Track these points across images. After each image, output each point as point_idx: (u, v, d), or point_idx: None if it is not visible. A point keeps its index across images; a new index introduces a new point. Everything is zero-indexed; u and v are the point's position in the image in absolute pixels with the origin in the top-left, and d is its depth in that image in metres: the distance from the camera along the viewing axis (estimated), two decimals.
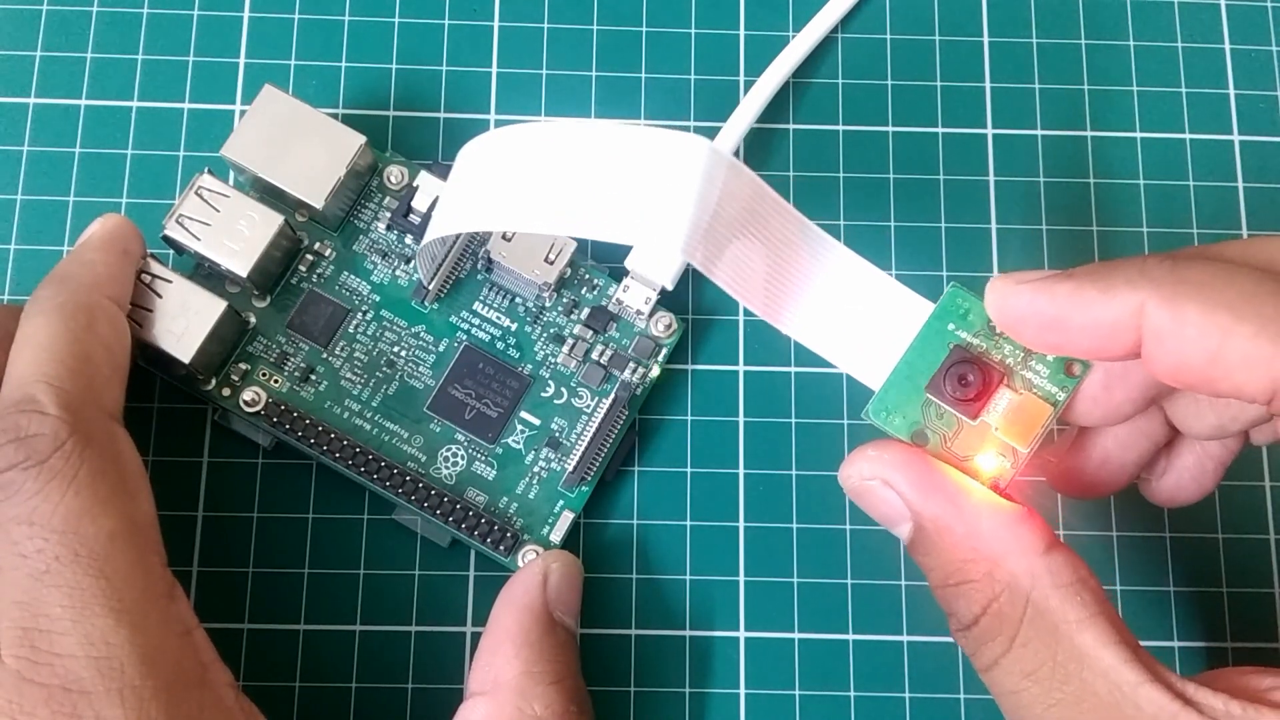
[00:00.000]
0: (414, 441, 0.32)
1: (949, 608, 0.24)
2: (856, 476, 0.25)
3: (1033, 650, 0.23)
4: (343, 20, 0.36)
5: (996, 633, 0.23)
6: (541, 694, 0.28)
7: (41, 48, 0.35)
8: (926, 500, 0.24)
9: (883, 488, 0.25)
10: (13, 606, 0.24)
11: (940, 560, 0.24)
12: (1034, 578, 0.23)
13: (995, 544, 0.24)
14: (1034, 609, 0.23)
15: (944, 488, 0.24)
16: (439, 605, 0.32)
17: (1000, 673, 0.23)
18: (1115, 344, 0.23)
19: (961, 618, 0.24)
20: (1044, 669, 0.23)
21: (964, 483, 0.25)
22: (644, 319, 0.33)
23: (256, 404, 0.31)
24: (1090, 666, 0.22)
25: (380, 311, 0.33)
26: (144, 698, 0.24)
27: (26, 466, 0.25)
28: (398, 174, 0.33)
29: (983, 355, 0.25)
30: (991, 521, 0.24)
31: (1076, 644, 0.22)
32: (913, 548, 0.25)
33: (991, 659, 0.23)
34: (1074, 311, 0.23)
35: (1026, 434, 0.25)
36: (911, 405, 0.25)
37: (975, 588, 0.23)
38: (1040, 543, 0.23)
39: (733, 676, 0.32)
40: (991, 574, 0.23)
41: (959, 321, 0.25)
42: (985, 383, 0.25)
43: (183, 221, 0.31)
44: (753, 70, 0.36)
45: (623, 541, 0.33)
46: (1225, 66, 0.37)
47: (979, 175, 0.36)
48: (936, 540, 0.24)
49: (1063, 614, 0.23)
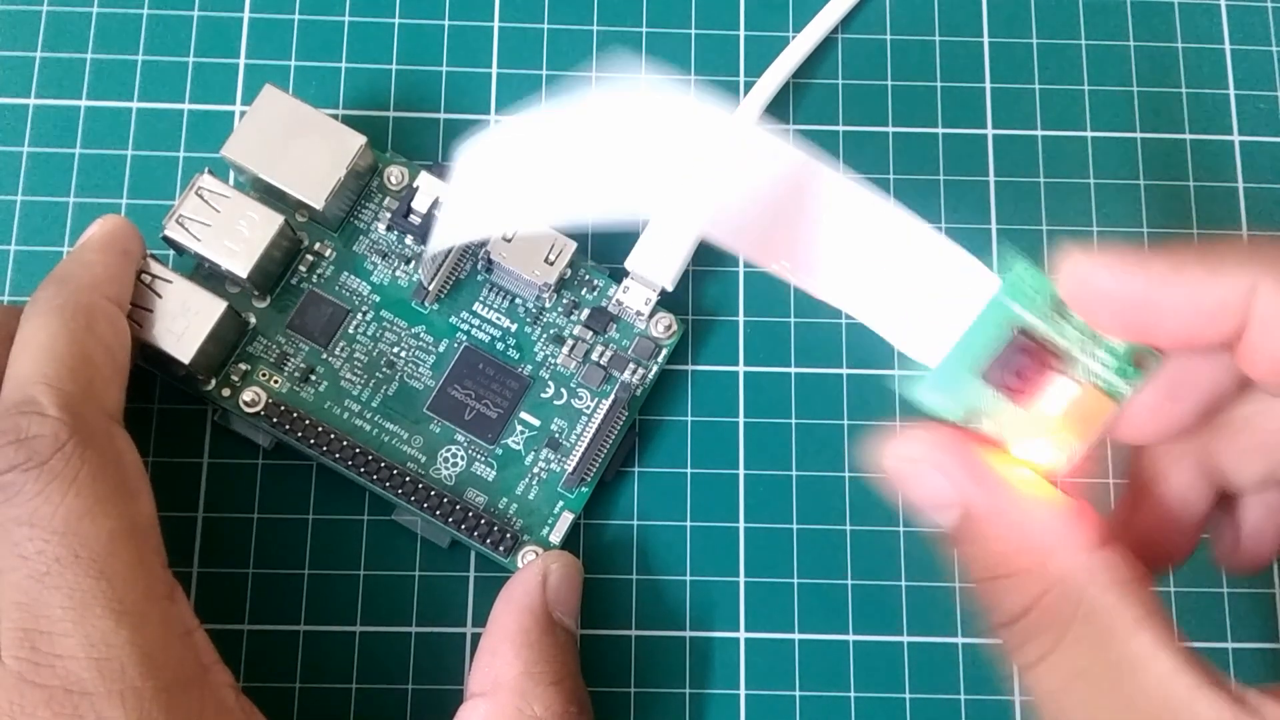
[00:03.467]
0: (414, 442, 0.32)
1: (994, 601, 0.23)
2: (904, 457, 0.24)
3: (1085, 649, 0.21)
4: (343, 20, 0.36)
5: (1045, 629, 0.22)
6: (541, 695, 0.28)
7: (41, 48, 0.35)
8: (976, 486, 0.23)
9: (930, 471, 0.23)
10: (13, 608, 0.24)
11: (986, 551, 0.23)
12: (1090, 573, 0.22)
13: (1047, 536, 0.22)
14: (1089, 606, 0.21)
15: (994, 475, 0.23)
16: (439, 606, 0.32)
17: (1046, 670, 0.22)
18: (1214, 328, 0.21)
19: (1007, 612, 0.23)
20: (1095, 669, 0.21)
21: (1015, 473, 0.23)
22: (644, 320, 0.33)
23: (256, 404, 0.31)
24: (1145, 669, 0.21)
25: (380, 312, 0.33)
26: (145, 699, 0.24)
27: (27, 468, 0.25)
28: (398, 174, 0.33)
29: (1046, 340, 0.23)
30: (1044, 513, 0.23)
31: (1131, 645, 0.21)
32: (957, 537, 0.23)
33: (1036, 656, 0.22)
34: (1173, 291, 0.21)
35: (1086, 428, 0.23)
36: (964, 389, 0.23)
37: (1024, 581, 0.22)
38: (1094, 538, 0.22)
39: (733, 677, 0.32)
40: (1042, 567, 0.22)
41: (1024, 301, 0.23)
42: (1044, 370, 0.23)
43: (183, 222, 0.31)
44: (753, 70, 0.36)
45: (623, 542, 0.33)
46: (1225, 66, 0.37)
47: (979, 175, 0.36)
48: (985, 529, 0.23)
49: (1118, 613, 0.21)
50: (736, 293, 0.34)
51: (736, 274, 0.34)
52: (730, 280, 0.34)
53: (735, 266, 0.34)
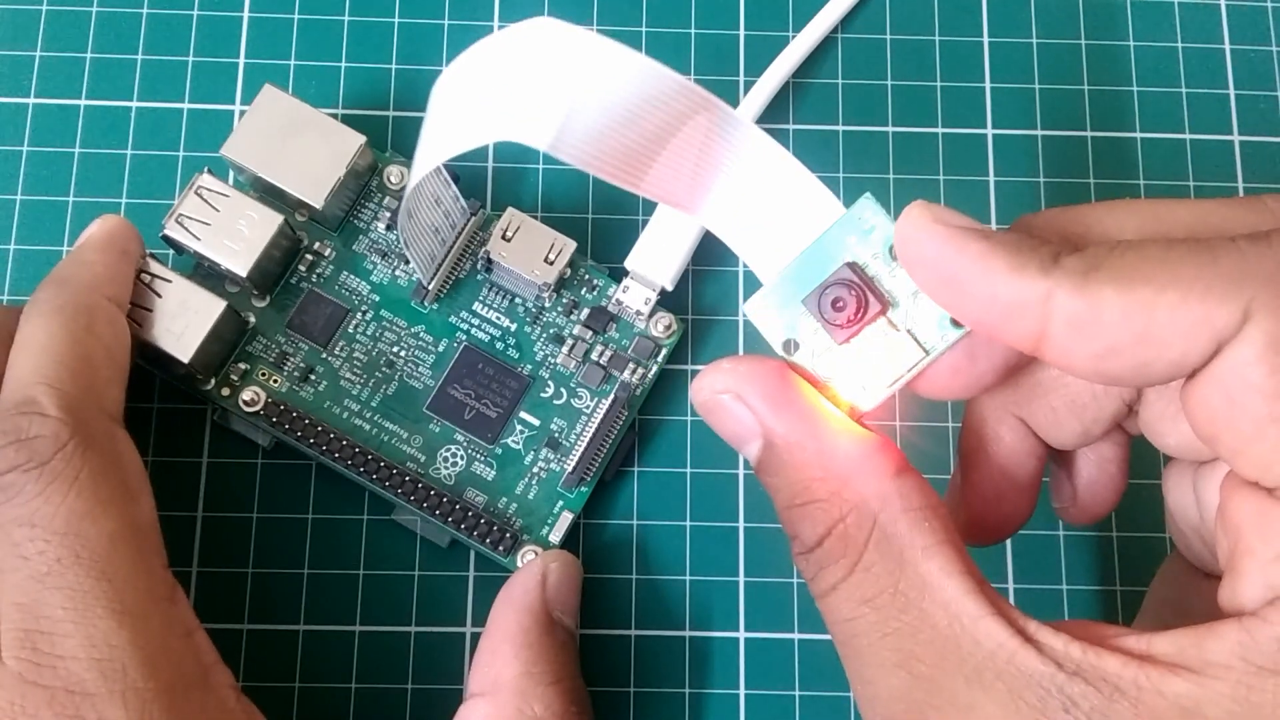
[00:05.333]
0: (413, 442, 0.32)
1: (793, 530, 0.23)
2: (709, 390, 0.24)
3: (874, 575, 0.21)
4: (342, 20, 0.36)
5: (839, 555, 0.22)
6: (541, 694, 0.28)
7: (41, 48, 0.35)
8: (779, 415, 0.23)
9: (734, 402, 0.23)
10: (14, 608, 0.24)
11: (788, 480, 0.23)
12: (883, 499, 0.22)
13: (846, 465, 0.22)
14: (880, 532, 0.22)
15: (799, 406, 0.23)
16: (438, 605, 0.32)
17: (838, 598, 0.22)
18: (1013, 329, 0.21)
19: (805, 539, 0.22)
20: (884, 596, 0.21)
21: (820, 405, 0.23)
22: (643, 319, 0.33)
23: (256, 404, 0.31)
24: (932, 596, 0.21)
25: (380, 311, 0.33)
26: (146, 699, 0.24)
27: (27, 468, 0.25)
28: (397, 174, 0.33)
29: (872, 281, 0.23)
30: (844, 443, 0.23)
31: (920, 571, 0.21)
32: (760, 467, 0.24)
33: (831, 584, 0.22)
34: (977, 279, 0.21)
35: (892, 374, 0.23)
36: (789, 312, 0.24)
37: (821, 507, 0.22)
38: (891, 466, 0.22)
39: (732, 677, 0.32)
40: (839, 493, 0.22)
41: (861, 236, 0.23)
42: (864, 309, 0.23)
43: (182, 221, 0.31)
44: (753, 70, 0.36)
45: (622, 542, 0.33)
46: (1225, 66, 0.37)
47: (979, 175, 0.36)
48: (786, 458, 0.23)
49: (909, 539, 0.21)
50: (736, 292, 0.34)
51: (736, 274, 0.34)
52: (730, 280, 0.34)
53: (735, 266, 0.34)
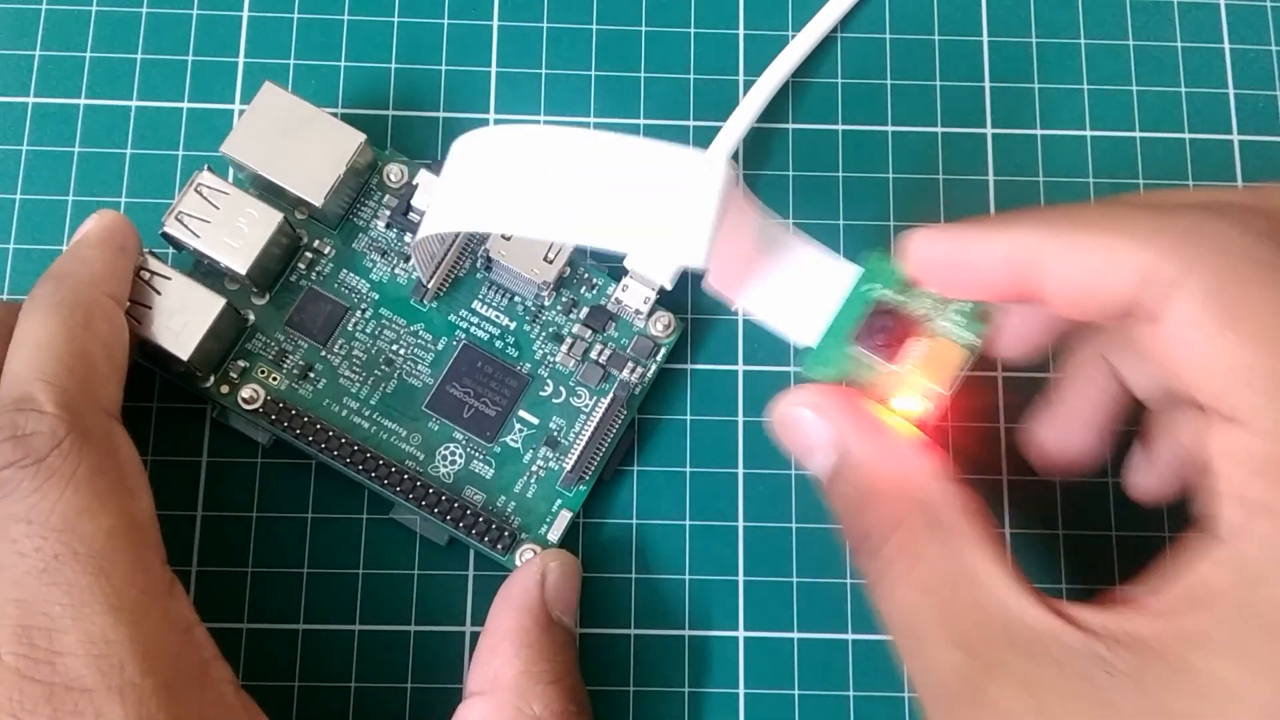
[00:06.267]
0: (412, 440, 0.32)
1: (863, 528, 0.25)
2: (789, 404, 0.27)
3: (934, 567, 0.24)
4: (342, 20, 0.36)
5: (905, 551, 0.24)
6: (540, 694, 0.28)
7: (41, 47, 0.35)
8: (853, 424, 0.26)
9: (811, 415, 0.26)
10: (11, 604, 0.24)
11: (858, 483, 0.26)
12: (945, 497, 0.24)
13: (909, 468, 0.25)
14: (940, 529, 0.24)
15: (869, 417, 0.26)
16: (438, 604, 0.32)
17: (903, 588, 0.24)
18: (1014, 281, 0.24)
19: (875, 539, 0.25)
20: (943, 586, 0.24)
21: (885, 416, 0.27)
22: (643, 318, 0.33)
23: (255, 401, 0.31)
24: (985, 585, 0.23)
25: (379, 309, 0.33)
26: (144, 695, 0.24)
27: (24, 464, 0.25)
28: (397, 172, 0.33)
29: (900, 306, 0.27)
30: (906, 449, 0.26)
31: (975, 562, 0.23)
32: (833, 474, 0.26)
33: (898, 575, 0.24)
34: (974, 249, 0.25)
35: (944, 376, 0.27)
36: (840, 357, 0.27)
37: (889, 507, 0.25)
38: (942, 469, 0.25)
39: (732, 676, 0.32)
40: (906, 493, 0.25)
41: (880, 281, 0.27)
42: (902, 330, 0.27)
43: (182, 218, 0.31)
44: (753, 70, 0.36)
45: (621, 541, 0.33)
46: (1225, 66, 0.37)
47: (979, 175, 0.36)
48: (858, 466, 0.26)
49: (965, 534, 0.24)
50: None
51: None
52: None
53: None
